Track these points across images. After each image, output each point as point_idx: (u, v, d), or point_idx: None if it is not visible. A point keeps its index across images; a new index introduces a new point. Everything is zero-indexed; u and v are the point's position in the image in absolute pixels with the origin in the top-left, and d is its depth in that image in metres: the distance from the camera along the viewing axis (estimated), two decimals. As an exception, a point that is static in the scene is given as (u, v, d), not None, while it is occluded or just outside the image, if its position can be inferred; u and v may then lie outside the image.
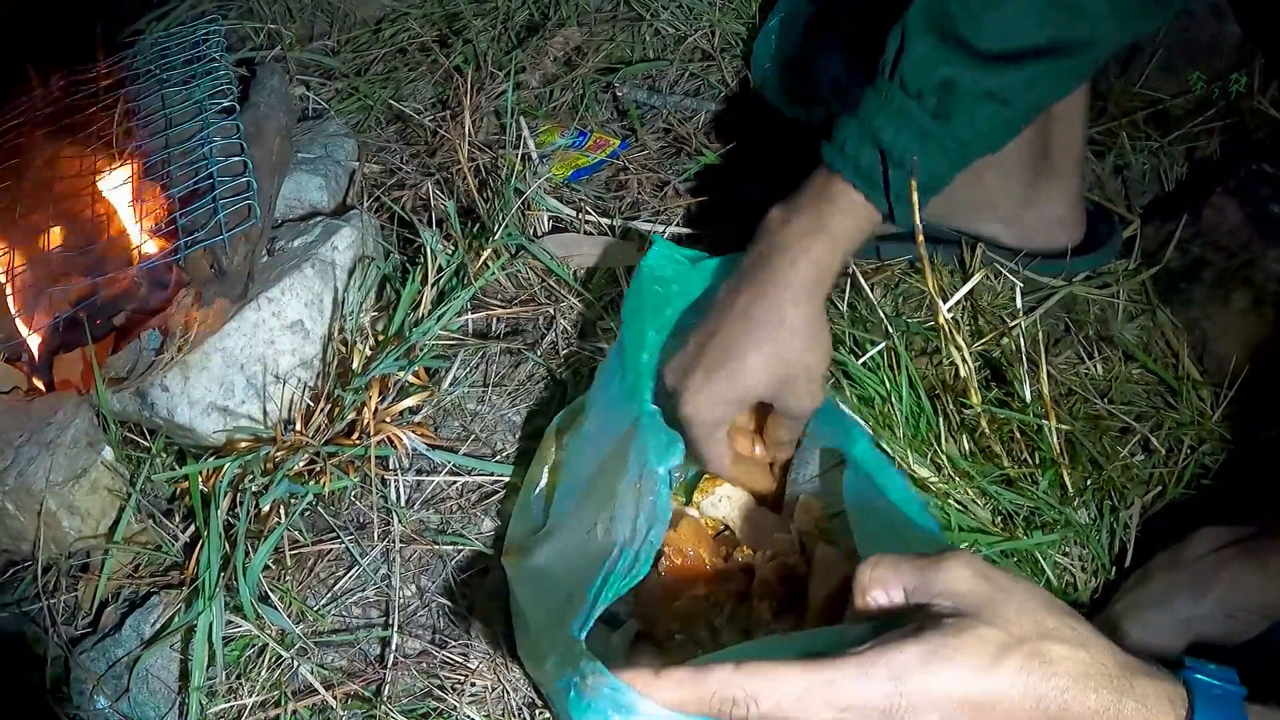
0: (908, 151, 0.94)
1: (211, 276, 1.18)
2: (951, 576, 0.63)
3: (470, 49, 1.70)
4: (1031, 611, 0.62)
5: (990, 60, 0.93)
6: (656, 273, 1.03)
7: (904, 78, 0.94)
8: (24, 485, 1.10)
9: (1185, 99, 1.47)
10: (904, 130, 0.94)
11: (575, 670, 0.69)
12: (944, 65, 0.93)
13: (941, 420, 1.12)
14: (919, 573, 0.65)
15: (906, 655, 0.60)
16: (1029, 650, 0.60)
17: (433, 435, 1.20)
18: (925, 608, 0.64)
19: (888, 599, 0.66)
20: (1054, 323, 1.29)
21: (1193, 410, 1.19)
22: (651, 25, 1.71)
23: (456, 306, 1.26)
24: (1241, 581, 0.93)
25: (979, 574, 0.63)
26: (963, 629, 0.61)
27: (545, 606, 0.91)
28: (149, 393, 1.13)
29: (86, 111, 1.43)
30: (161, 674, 1.05)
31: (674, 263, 1.05)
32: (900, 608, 0.66)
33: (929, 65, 0.93)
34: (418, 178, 1.48)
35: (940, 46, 0.93)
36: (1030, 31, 0.93)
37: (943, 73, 0.93)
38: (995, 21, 0.92)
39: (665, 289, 1.03)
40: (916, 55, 0.94)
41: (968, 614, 0.62)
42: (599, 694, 0.66)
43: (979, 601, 0.62)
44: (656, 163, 1.52)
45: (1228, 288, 1.25)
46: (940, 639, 0.60)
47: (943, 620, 0.61)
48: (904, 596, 0.65)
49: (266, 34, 1.73)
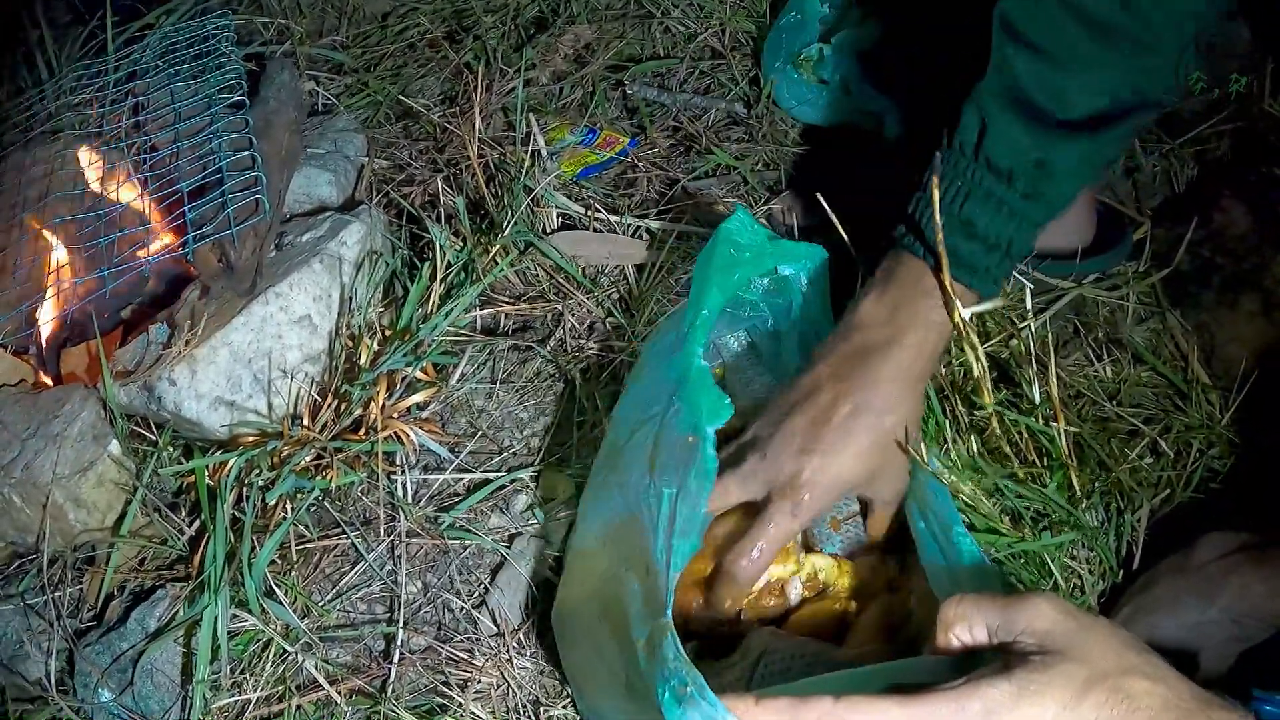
0: (1003, 234, 0.94)
1: (220, 271, 1.18)
2: (1036, 615, 0.66)
3: (480, 45, 1.69)
4: (1114, 648, 0.64)
5: (1074, 130, 0.92)
6: (734, 236, 1.02)
7: (990, 158, 0.93)
8: (30, 478, 1.10)
9: (1196, 102, 1.47)
10: (998, 214, 0.93)
11: (673, 673, 0.71)
12: (1034, 145, 0.92)
13: (949, 420, 1.12)
14: (1002, 612, 0.67)
15: (998, 691, 0.62)
16: (1112, 685, 0.62)
17: (440, 431, 1.20)
18: (1009, 646, 0.66)
19: (971, 637, 0.69)
20: (1063, 324, 1.29)
21: (1201, 414, 1.18)
22: (662, 23, 1.71)
23: (465, 303, 1.26)
24: (1250, 588, 0.93)
25: (1062, 612, 0.66)
26: (1050, 665, 0.63)
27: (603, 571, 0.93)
28: (156, 386, 1.13)
29: (96, 105, 1.43)
30: (166, 668, 1.05)
31: (751, 231, 1.03)
32: (983, 646, 0.68)
33: (1019, 146, 0.92)
34: (427, 174, 1.48)
35: (1026, 124, 0.92)
36: (1108, 97, 0.92)
37: (1035, 155, 0.92)
38: (1073, 93, 0.91)
39: (739, 254, 1.02)
40: (1004, 135, 0.92)
41: (1053, 651, 0.64)
42: (696, 706, 0.68)
43: (1063, 639, 0.65)
44: (666, 161, 1.52)
45: (1237, 291, 1.25)
46: (1028, 676, 0.63)
47: (1029, 658, 0.64)
48: (986, 635, 0.68)
49: (276, 29, 1.72)
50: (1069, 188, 0.95)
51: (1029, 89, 0.91)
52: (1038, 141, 0.92)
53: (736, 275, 1.01)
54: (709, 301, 0.97)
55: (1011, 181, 0.93)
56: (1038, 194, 0.93)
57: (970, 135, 0.94)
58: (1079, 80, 0.91)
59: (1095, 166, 0.96)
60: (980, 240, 0.94)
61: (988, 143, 0.93)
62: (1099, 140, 0.93)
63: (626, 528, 0.90)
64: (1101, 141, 0.93)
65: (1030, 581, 1.05)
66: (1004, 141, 0.92)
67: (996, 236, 0.94)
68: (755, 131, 1.55)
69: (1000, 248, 0.94)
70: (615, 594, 0.87)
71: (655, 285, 1.31)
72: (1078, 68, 0.91)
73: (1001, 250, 0.94)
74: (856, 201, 1.13)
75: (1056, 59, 0.91)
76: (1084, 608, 1.03)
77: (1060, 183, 0.94)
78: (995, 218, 0.93)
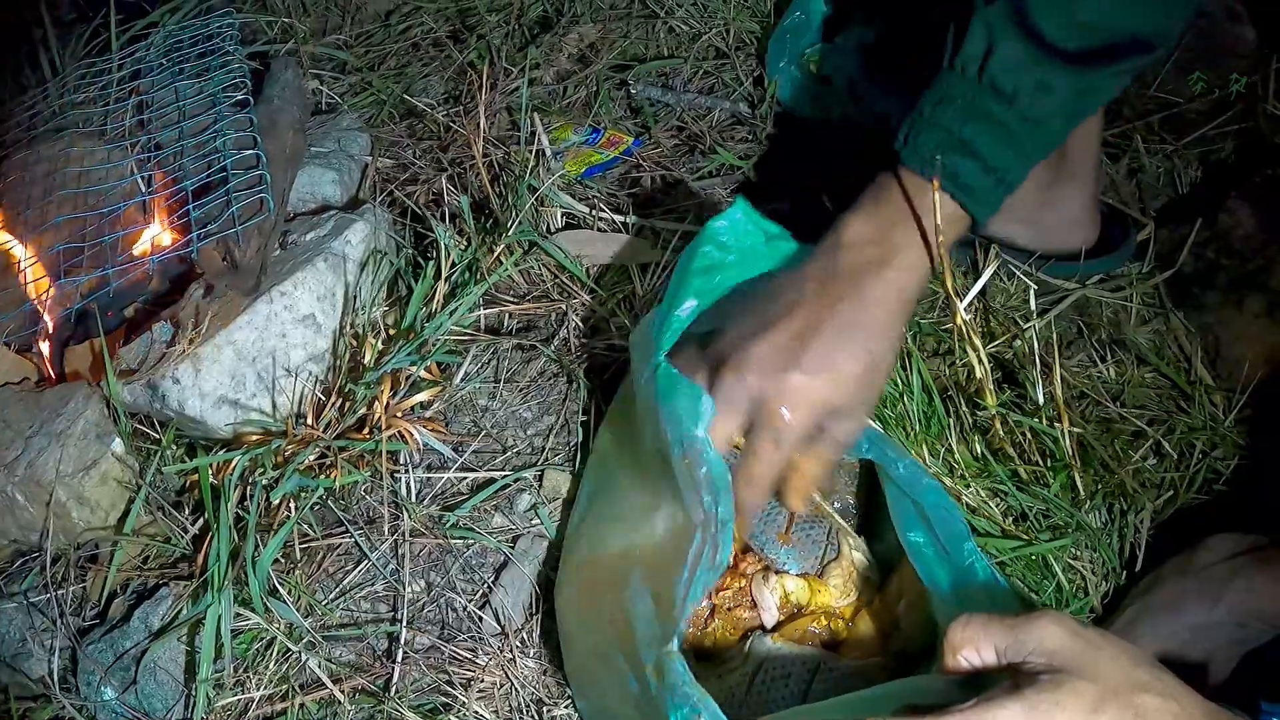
0: (1001, 159, 0.91)
1: (224, 269, 1.18)
2: (1044, 634, 0.66)
3: (484, 44, 1.69)
4: (1123, 666, 0.64)
5: (1077, 60, 0.90)
6: (719, 236, 0.98)
7: (995, 79, 0.90)
8: (34, 476, 1.10)
9: (1200, 103, 1.47)
10: (997, 136, 0.91)
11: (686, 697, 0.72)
12: (1037, 67, 0.89)
13: (953, 421, 1.12)
14: (1010, 632, 0.67)
15: (1009, 712, 0.62)
16: (1124, 703, 0.62)
17: (444, 431, 1.20)
18: (1019, 665, 0.66)
19: (979, 659, 0.68)
20: (1067, 325, 1.29)
21: (1205, 415, 1.18)
22: (666, 23, 1.71)
23: (469, 302, 1.26)
24: (1254, 590, 0.93)
25: (1070, 631, 0.66)
26: (1060, 684, 0.63)
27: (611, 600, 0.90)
28: (160, 385, 1.13)
29: (99, 103, 1.44)
30: (169, 666, 1.05)
31: (743, 232, 0.99)
32: (991, 667, 0.68)
33: (1023, 67, 0.90)
34: (431, 173, 1.48)
35: (1030, 48, 0.89)
36: (1113, 27, 0.90)
37: (1037, 75, 0.90)
38: (1078, 18, 0.89)
39: (723, 254, 0.97)
40: (1008, 56, 0.90)
41: (1063, 670, 0.64)
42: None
43: (1072, 657, 0.64)
44: (670, 160, 1.52)
45: (1241, 293, 1.25)
46: (1038, 695, 0.62)
47: (1039, 677, 0.64)
48: (995, 655, 0.68)
49: (280, 27, 1.73)
50: (1063, 119, 0.93)
51: (1032, 10, 0.89)
52: (1040, 63, 0.90)
53: (718, 279, 0.97)
54: (680, 305, 0.94)
55: (1014, 103, 0.90)
56: (1037, 120, 0.91)
57: (975, 54, 0.91)
58: (1081, 8, 0.89)
59: (1091, 100, 0.94)
60: (979, 160, 0.91)
61: (993, 63, 0.90)
62: (1095, 76, 0.91)
63: (648, 548, 0.89)
64: (1097, 78, 0.92)
65: (1033, 583, 1.05)
66: (1008, 61, 0.90)
67: (995, 159, 0.91)
68: (759, 131, 1.55)
69: (996, 171, 0.92)
70: (624, 608, 0.86)
71: (659, 285, 1.31)
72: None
73: (997, 175, 0.92)
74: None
75: None
76: (1087, 609, 1.04)
77: (1058, 109, 0.91)
78: (995, 139, 0.91)
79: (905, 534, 0.91)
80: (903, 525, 0.91)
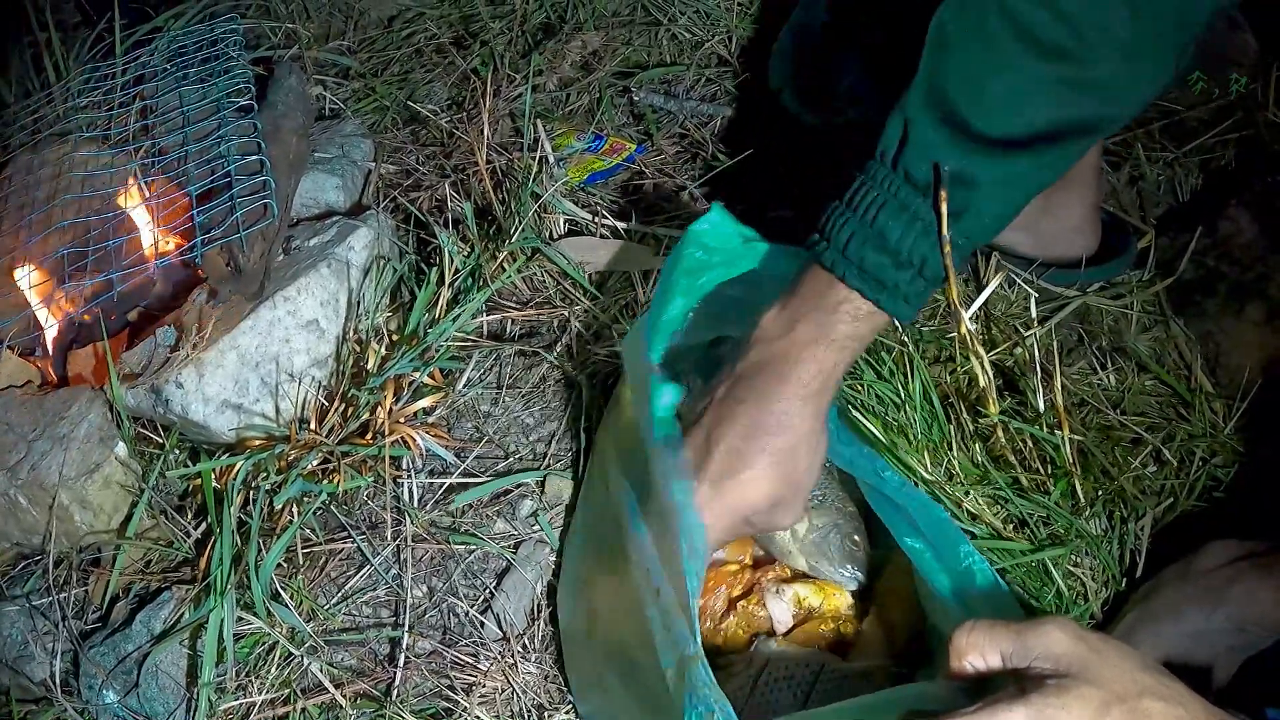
0: (917, 250, 0.86)
1: (228, 274, 1.19)
2: (1050, 640, 0.66)
3: (487, 51, 1.70)
4: (1128, 670, 0.65)
5: (1000, 147, 0.85)
6: (702, 239, 0.99)
7: (909, 170, 0.86)
8: (37, 479, 1.10)
9: (1201, 110, 1.47)
10: (912, 228, 0.86)
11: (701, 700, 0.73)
12: (954, 157, 0.84)
13: (954, 428, 1.12)
14: (1016, 637, 0.67)
15: (1015, 716, 0.63)
16: (1129, 707, 0.63)
17: (446, 436, 1.20)
18: (1023, 671, 0.67)
19: (985, 664, 0.69)
20: (1068, 333, 1.29)
21: (1205, 422, 1.19)
22: (668, 30, 1.71)
23: (472, 308, 1.26)
24: (1254, 596, 0.93)
25: (1075, 636, 0.66)
26: (1066, 689, 0.63)
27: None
28: (163, 389, 1.13)
29: (104, 108, 1.44)
30: (171, 670, 1.05)
31: (724, 235, 1.00)
32: (996, 672, 0.69)
33: (938, 157, 0.85)
34: (434, 179, 1.49)
35: (947, 136, 0.85)
36: (1039, 113, 0.84)
37: (953, 166, 0.84)
38: (1000, 104, 0.84)
39: (708, 256, 0.99)
40: (922, 145, 0.85)
41: (1068, 675, 0.64)
42: None
43: (1078, 662, 0.65)
44: (672, 168, 1.52)
45: (1242, 300, 1.25)
46: (1044, 700, 0.63)
47: (1045, 681, 0.64)
48: (1000, 660, 0.68)
49: (284, 33, 1.73)
50: (988, 210, 0.88)
51: (954, 97, 0.85)
52: (957, 152, 0.85)
53: (704, 279, 0.99)
54: (669, 307, 0.96)
55: (928, 194, 0.85)
56: (954, 211, 0.85)
57: (892, 143, 0.87)
58: (1006, 88, 0.84)
59: (1016, 191, 0.88)
60: (890, 254, 0.86)
61: (907, 153, 0.86)
62: (1019, 163, 0.86)
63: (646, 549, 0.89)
64: (1021, 165, 0.86)
65: (1034, 589, 1.05)
66: (922, 150, 0.85)
67: (908, 252, 0.86)
68: (761, 137, 1.55)
69: (912, 265, 0.86)
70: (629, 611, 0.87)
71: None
72: (1008, 76, 0.84)
73: (914, 269, 0.86)
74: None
75: (985, 65, 0.84)
76: (1087, 616, 1.04)
77: (978, 201, 0.86)
78: (908, 231, 0.86)
79: (903, 540, 0.91)
80: (899, 532, 0.92)
